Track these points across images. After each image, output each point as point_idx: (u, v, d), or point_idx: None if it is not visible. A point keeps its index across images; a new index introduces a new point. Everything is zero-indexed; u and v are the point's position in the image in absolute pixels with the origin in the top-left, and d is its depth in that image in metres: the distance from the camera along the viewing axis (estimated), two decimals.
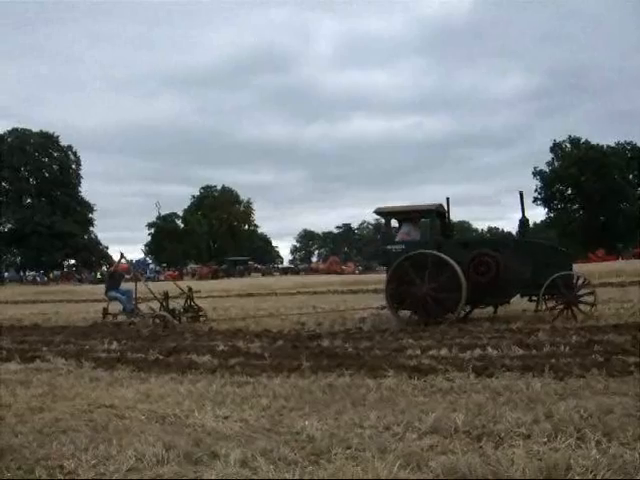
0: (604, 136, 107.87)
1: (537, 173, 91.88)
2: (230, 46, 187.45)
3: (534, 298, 13.35)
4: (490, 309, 14.26)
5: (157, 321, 14.71)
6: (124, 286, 17.55)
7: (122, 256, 18.02)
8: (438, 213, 14.21)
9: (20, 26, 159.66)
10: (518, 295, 13.70)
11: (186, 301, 15.93)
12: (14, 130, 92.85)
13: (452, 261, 12.89)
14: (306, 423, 5.37)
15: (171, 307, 15.37)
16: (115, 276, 17.72)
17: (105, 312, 16.23)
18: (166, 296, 15.44)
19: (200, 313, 15.91)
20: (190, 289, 16.29)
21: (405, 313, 13.76)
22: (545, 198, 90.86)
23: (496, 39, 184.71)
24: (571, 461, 4.07)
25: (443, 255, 13.05)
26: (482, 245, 14.26)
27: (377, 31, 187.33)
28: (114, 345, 11.25)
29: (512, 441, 4.65)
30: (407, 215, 14.46)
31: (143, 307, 16.43)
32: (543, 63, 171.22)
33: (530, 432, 4.81)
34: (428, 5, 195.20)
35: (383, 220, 14.97)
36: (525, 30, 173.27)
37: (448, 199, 14.22)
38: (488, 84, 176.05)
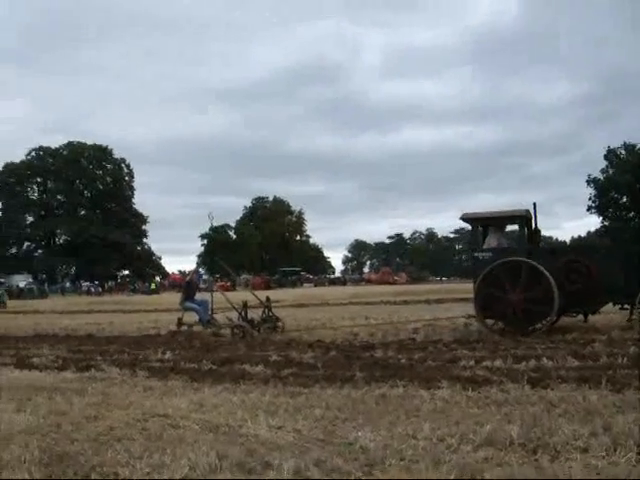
0: None
1: (591, 181, 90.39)
2: (279, 60, 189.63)
3: (626, 307, 12.90)
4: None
5: (236, 331, 14.68)
6: (199, 297, 17.58)
7: (198, 266, 18.13)
8: (525, 219, 13.81)
9: (70, 41, 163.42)
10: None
11: (264, 311, 15.79)
12: (69, 143, 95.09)
13: (544, 269, 12.51)
14: (359, 434, 5.34)
15: (249, 317, 15.28)
16: (191, 286, 17.60)
17: (180, 322, 16.15)
18: (245, 306, 15.40)
19: (278, 323, 15.68)
20: (268, 299, 16.17)
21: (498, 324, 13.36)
22: (599, 206, 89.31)
23: (543, 46, 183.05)
24: (631, 476, 3.97)
25: (536, 263, 12.66)
26: (572, 252, 13.92)
27: (424, 41, 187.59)
28: (167, 355, 11.35)
29: (569, 454, 4.55)
30: (494, 221, 14.03)
31: (219, 317, 16.43)
32: (592, 68, 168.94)
33: (587, 445, 4.71)
34: (474, 15, 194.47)
35: (470, 227, 14.53)
36: (571, 36, 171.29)
37: (535, 204, 13.58)
38: (537, 91, 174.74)
